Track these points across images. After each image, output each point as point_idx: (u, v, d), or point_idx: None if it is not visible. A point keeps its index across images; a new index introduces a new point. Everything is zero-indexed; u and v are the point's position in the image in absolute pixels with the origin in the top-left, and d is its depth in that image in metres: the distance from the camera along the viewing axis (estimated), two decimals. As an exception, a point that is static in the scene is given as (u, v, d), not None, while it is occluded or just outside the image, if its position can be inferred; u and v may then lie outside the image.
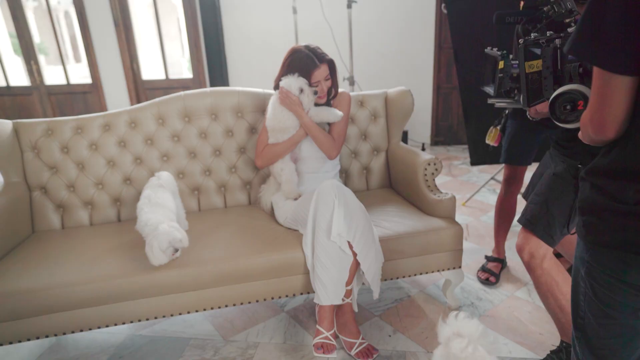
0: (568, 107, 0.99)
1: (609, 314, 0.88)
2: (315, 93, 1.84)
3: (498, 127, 2.09)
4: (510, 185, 2.14)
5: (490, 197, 3.26)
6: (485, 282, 2.15)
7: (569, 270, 1.99)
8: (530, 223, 1.48)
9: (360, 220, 1.65)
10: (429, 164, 1.99)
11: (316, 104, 1.90)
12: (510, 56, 1.42)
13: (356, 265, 1.68)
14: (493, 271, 2.19)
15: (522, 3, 1.54)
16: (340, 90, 1.99)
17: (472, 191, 3.29)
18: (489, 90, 1.50)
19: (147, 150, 2.09)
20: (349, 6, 3.38)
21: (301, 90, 1.82)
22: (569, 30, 1.32)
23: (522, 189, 2.12)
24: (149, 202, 1.71)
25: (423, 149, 4.67)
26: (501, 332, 1.81)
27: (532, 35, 1.21)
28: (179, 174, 2.12)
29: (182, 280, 1.63)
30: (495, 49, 1.44)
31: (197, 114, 2.12)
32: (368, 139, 2.31)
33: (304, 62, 1.82)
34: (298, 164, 1.97)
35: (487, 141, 2.16)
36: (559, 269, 1.46)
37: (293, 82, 1.83)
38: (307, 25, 4.30)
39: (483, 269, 2.23)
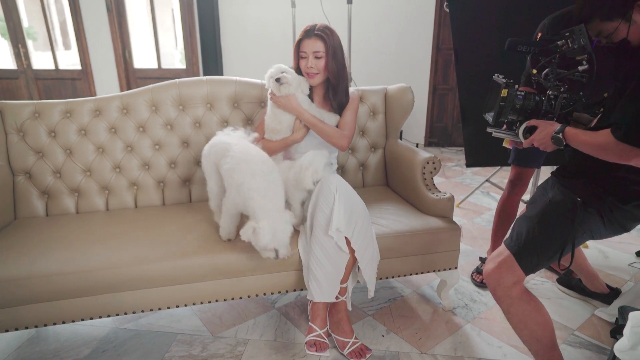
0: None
1: None
2: (278, 80, 1.72)
3: None
4: (515, 186, 2.10)
5: (484, 200, 3.24)
6: (480, 284, 2.13)
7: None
8: (516, 246, 1.36)
9: (360, 216, 1.61)
10: (428, 163, 1.95)
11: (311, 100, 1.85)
12: (517, 86, 1.40)
13: (352, 262, 1.63)
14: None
15: (539, 35, 1.50)
16: (351, 90, 1.91)
17: (466, 193, 3.27)
18: (489, 117, 1.48)
19: (138, 137, 2.01)
20: (349, 1, 3.33)
21: (277, 80, 1.73)
22: (580, 68, 1.32)
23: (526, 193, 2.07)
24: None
25: (417, 150, 4.66)
26: (495, 335, 1.78)
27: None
28: (170, 164, 2.05)
29: (169, 273, 1.56)
30: (501, 77, 1.41)
31: (192, 102, 2.05)
32: (366, 135, 2.26)
33: (302, 33, 1.76)
34: (296, 157, 1.91)
35: (504, 144, 2.11)
36: (530, 296, 1.36)
37: (272, 73, 1.76)
38: (306, 19, 4.21)
39: (478, 271, 2.20)
